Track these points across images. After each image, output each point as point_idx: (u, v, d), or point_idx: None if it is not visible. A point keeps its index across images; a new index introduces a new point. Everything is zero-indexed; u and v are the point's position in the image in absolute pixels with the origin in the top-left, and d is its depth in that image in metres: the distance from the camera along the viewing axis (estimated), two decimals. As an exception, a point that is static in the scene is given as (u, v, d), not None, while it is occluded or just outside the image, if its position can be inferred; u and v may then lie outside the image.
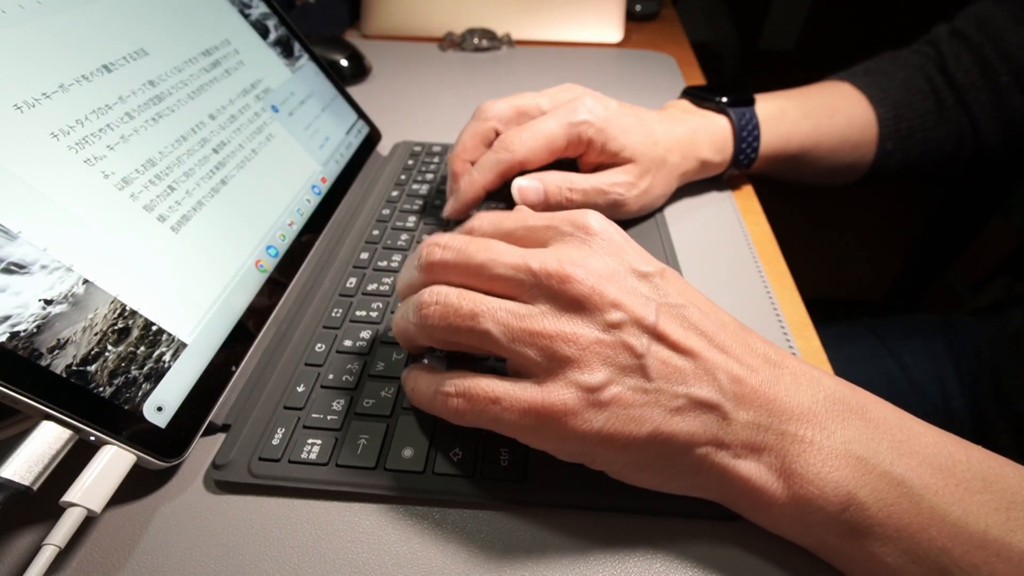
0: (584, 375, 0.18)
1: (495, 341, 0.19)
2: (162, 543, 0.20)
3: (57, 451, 0.18)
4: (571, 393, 0.18)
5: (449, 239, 0.21)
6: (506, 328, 0.19)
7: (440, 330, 0.20)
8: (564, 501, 0.21)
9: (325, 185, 0.36)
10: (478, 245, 0.21)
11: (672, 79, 0.60)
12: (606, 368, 0.18)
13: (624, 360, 0.18)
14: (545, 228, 0.21)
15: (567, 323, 0.18)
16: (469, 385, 0.20)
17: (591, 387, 0.18)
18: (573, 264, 0.19)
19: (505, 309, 0.19)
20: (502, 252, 0.20)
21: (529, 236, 0.21)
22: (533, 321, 0.19)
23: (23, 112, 0.21)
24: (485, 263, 0.20)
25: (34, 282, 0.19)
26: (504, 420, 0.19)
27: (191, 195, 0.26)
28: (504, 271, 0.20)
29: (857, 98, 0.43)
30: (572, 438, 0.19)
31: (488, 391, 0.19)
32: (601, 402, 0.18)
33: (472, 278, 0.20)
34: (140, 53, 0.27)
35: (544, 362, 0.19)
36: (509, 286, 0.20)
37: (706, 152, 0.37)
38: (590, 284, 0.19)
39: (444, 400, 0.20)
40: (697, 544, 0.20)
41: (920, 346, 0.52)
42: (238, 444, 0.23)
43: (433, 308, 0.20)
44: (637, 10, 0.78)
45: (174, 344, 0.23)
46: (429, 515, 0.21)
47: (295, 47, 0.39)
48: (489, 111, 0.34)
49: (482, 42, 0.66)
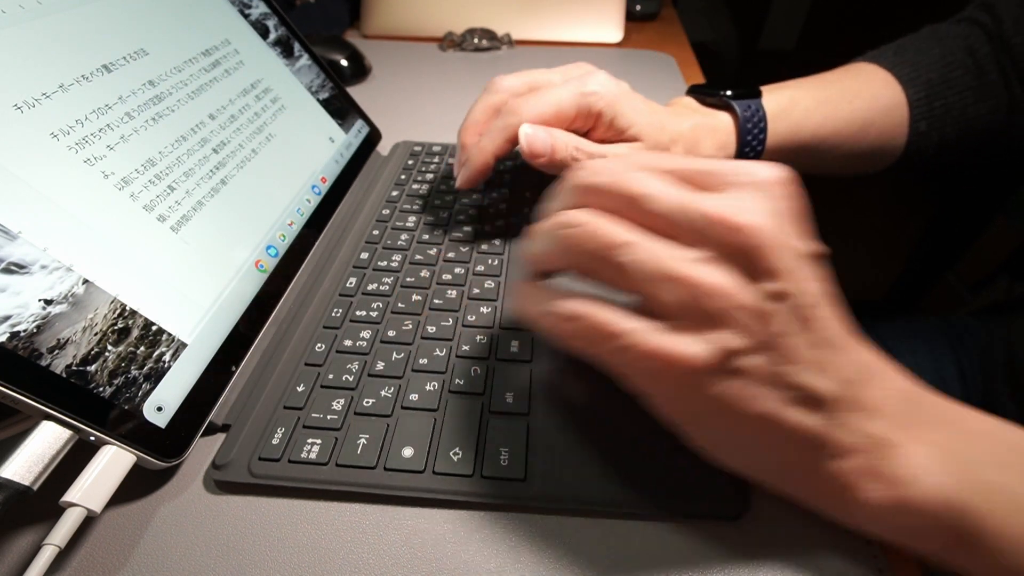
0: (727, 337, 0.17)
1: (635, 276, 0.18)
2: (162, 543, 0.20)
3: (57, 451, 0.18)
4: (707, 349, 0.17)
5: (604, 164, 0.19)
6: (654, 265, 0.17)
7: (578, 253, 0.19)
8: (564, 501, 0.21)
9: (325, 185, 0.36)
10: (637, 174, 0.19)
11: (672, 79, 0.60)
12: (750, 335, 0.17)
13: (770, 333, 0.17)
14: (714, 173, 0.19)
15: (725, 277, 0.17)
16: (590, 310, 0.18)
17: (731, 351, 0.17)
18: (750, 215, 0.17)
19: (651, 245, 0.17)
20: (665, 186, 0.18)
21: (692, 180, 0.19)
22: (687, 266, 0.17)
23: (23, 112, 0.21)
24: (646, 194, 0.18)
25: (34, 282, 0.19)
26: (623, 356, 0.18)
27: (191, 195, 0.26)
28: (663, 207, 0.18)
29: (883, 79, 0.41)
30: (690, 395, 0.18)
31: (612, 322, 0.18)
32: (734, 368, 0.17)
33: (627, 208, 0.19)
34: (140, 53, 0.27)
35: (686, 310, 0.17)
36: (667, 224, 0.18)
37: (708, 149, 0.37)
38: (770, 241, 0.17)
39: (556, 321, 0.19)
40: (698, 544, 0.20)
41: (921, 347, 0.52)
42: (238, 444, 0.23)
43: (577, 229, 0.18)
44: (637, 10, 0.78)
45: (174, 344, 0.23)
46: (429, 515, 0.21)
47: (295, 47, 0.39)
48: (500, 84, 0.33)
49: (482, 42, 0.66)
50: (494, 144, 0.32)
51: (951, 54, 0.41)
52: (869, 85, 0.41)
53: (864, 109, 0.40)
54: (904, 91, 0.41)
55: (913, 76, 0.41)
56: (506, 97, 0.33)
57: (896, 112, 0.41)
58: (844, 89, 0.40)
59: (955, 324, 0.53)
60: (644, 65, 0.63)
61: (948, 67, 0.41)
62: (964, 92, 0.41)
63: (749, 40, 1.43)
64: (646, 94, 0.35)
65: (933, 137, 0.42)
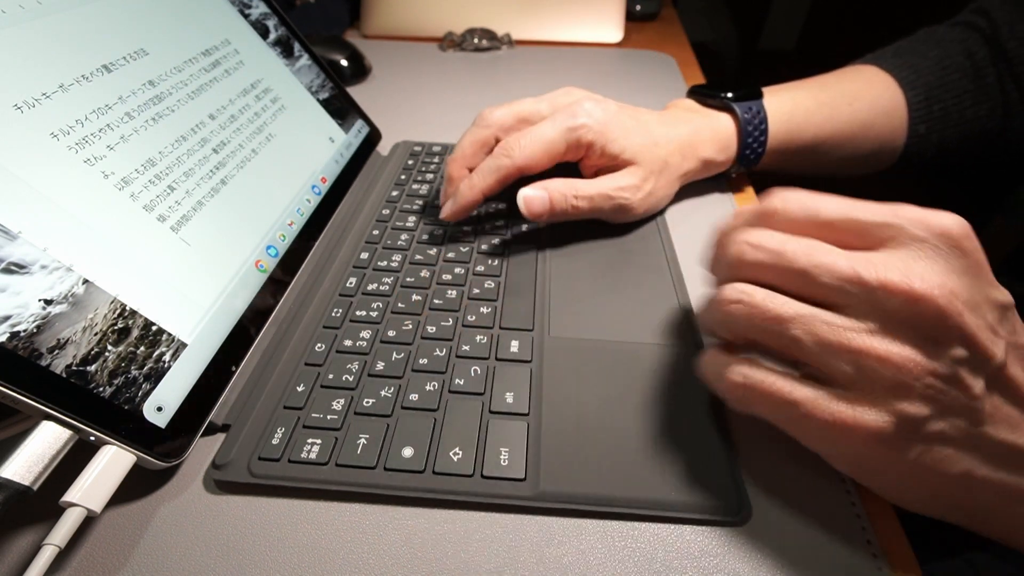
0: (908, 405, 0.16)
1: (804, 348, 0.17)
2: (162, 543, 0.20)
3: (57, 451, 0.18)
4: (888, 420, 0.16)
5: (762, 238, 0.19)
6: (821, 340, 0.17)
7: (743, 328, 0.19)
8: (564, 501, 0.21)
9: (325, 185, 0.36)
10: (797, 246, 0.18)
11: (672, 79, 0.60)
12: (933, 402, 0.16)
13: (956, 398, 0.16)
14: (882, 226, 0.18)
15: (900, 346, 0.16)
16: (764, 378, 0.18)
17: (914, 419, 0.16)
18: (925, 281, 0.16)
19: (823, 319, 0.17)
20: (827, 256, 0.18)
21: (859, 233, 0.18)
22: (857, 338, 0.17)
23: (23, 112, 0.21)
24: (807, 270, 0.18)
25: (34, 282, 0.19)
26: (802, 425, 0.18)
27: (191, 195, 0.26)
28: (829, 280, 0.17)
29: (883, 81, 0.41)
30: (872, 460, 0.18)
31: (786, 391, 0.18)
32: (921, 435, 0.17)
33: (788, 282, 0.18)
34: (140, 53, 0.27)
35: (864, 381, 0.17)
36: (832, 294, 0.17)
37: (708, 151, 0.37)
38: (947, 308, 0.16)
39: (731, 385, 0.19)
40: (699, 545, 0.20)
41: None
42: (238, 444, 0.23)
43: (737, 306, 0.19)
44: (637, 10, 0.78)
45: (174, 344, 0.23)
46: (429, 515, 0.21)
47: (295, 47, 0.39)
48: (489, 118, 0.34)
49: (482, 42, 0.66)
50: (485, 183, 0.32)
51: (949, 57, 0.41)
52: (869, 87, 0.41)
53: (864, 111, 0.40)
54: (904, 94, 0.41)
55: (912, 79, 0.41)
56: (495, 131, 0.34)
57: (896, 114, 0.41)
58: (845, 91, 0.40)
59: None
60: (644, 65, 0.63)
61: (946, 70, 0.41)
62: (962, 95, 0.41)
63: (749, 40, 1.43)
64: (646, 94, 0.35)
65: (932, 139, 0.42)
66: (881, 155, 0.43)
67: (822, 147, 0.40)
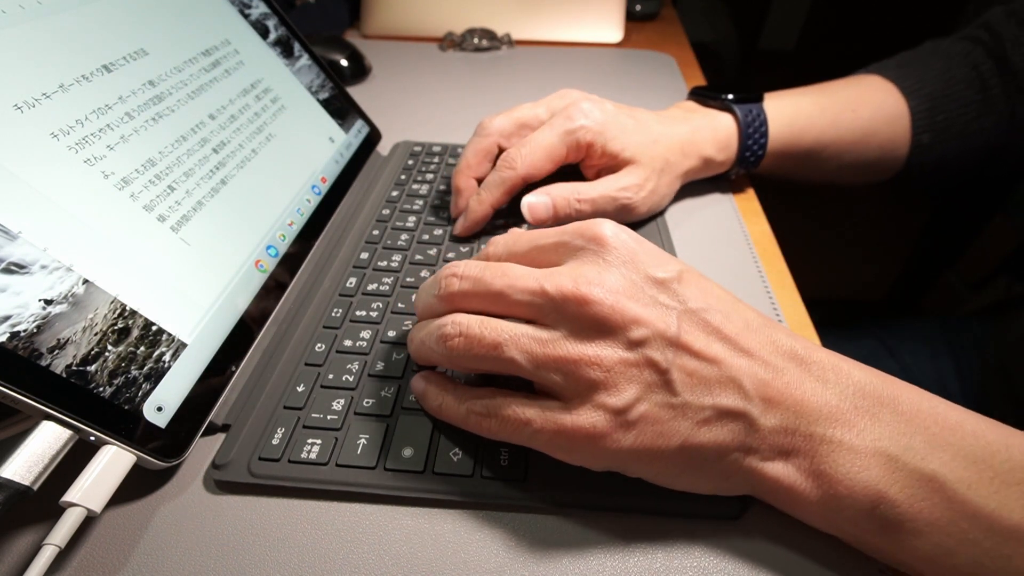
0: (611, 397, 0.18)
1: (521, 368, 0.19)
2: (162, 543, 0.20)
3: (57, 451, 0.18)
4: (599, 416, 0.18)
5: (465, 268, 0.21)
6: (530, 355, 0.19)
7: (466, 359, 0.20)
8: (564, 501, 0.21)
9: (325, 185, 0.36)
10: (494, 271, 0.21)
11: (672, 79, 0.60)
12: (632, 387, 0.18)
13: (649, 377, 0.18)
14: (556, 246, 0.21)
15: (589, 346, 0.18)
16: (499, 406, 0.20)
17: (619, 409, 0.18)
18: (589, 283, 0.19)
19: (527, 335, 0.19)
20: (518, 277, 0.20)
21: (542, 256, 0.21)
22: (556, 346, 0.19)
23: (23, 112, 0.21)
24: (502, 290, 0.20)
25: (34, 282, 0.19)
26: (537, 440, 0.20)
27: (191, 195, 0.26)
28: (521, 296, 0.20)
29: (887, 90, 0.41)
30: (604, 456, 0.19)
31: (519, 414, 0.20)
32: (629, 422, 0.18)
33: (492, 305, 0.21)
34: (140, 53, 0.27)
35: (571, 386, 0.19)
36: (528, 311, 0.20)
37: (708, 150, 0.37)
38: (609, 304, 0.18)
39: (478, 421, 0.21)
40: (698, 544, 0.20)
41: (920, 346, 0.52)
42: (238, 444, 0.23)
43: (457, 340, 0.20)
44: (637, 10, 0.78)
45: (174, 344, 0.23)
46: (429, 515, 0.21)
47: (295, 47, 0.39)
48: (489, 127, 0.34)
49: (482, 42, 0.66)
50: (492, 197, 0.33)
51: (954, 68, 0.41)
52: (873, 95, 0.41)
53: (867, 119, 0.40)
54: (907, 102, 0.41)
55: (916, 88, 0.41)
56: (496, 139, 0.34)
57: (898, 123, 0.41)
58: (848, 98, 0.40)
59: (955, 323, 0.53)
60: (644, 65, 0.63)
61: (951, 81, 0.41)
62: (967, 106, 0.41)
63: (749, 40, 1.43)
64: (646, 94, 0.35)
65: (935, 150, 0.42)
66: (884, 164, 0.43)
67: (824, 153, 0.40)
